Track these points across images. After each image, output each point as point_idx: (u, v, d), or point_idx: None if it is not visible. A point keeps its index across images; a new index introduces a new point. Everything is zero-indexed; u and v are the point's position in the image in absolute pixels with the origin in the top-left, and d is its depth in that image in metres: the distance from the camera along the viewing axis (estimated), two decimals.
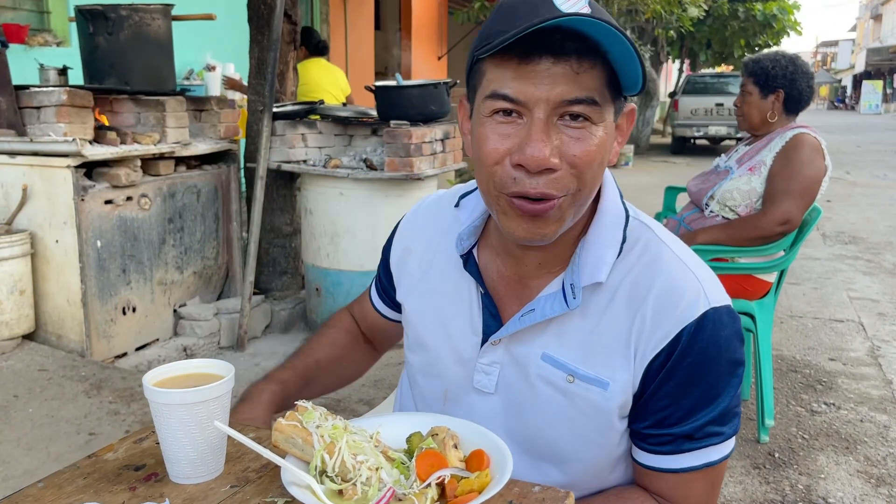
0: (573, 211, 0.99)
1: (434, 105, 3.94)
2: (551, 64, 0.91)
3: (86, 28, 3.64)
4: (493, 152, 0.96)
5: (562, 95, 0.92)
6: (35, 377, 3.05)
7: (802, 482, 2.72)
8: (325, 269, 3.98)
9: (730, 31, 15.74)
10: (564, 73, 0.91)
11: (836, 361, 3.93)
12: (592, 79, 0.92)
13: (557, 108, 0.93)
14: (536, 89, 0.92)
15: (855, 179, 11.41)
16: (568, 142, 0.94)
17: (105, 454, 1.03)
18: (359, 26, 9.19)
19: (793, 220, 2.82)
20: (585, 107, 0.93)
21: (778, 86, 2.93)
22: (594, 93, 0.93)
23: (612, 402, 1.03)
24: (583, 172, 0.95)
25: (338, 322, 1.43)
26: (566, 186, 0.96)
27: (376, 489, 0.86)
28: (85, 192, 3.27)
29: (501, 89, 0.94)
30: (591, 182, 0.98)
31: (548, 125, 0.93)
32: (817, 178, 2.85)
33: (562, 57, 0.91)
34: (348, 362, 1.41)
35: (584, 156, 0.94)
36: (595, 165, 0.96)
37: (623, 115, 1.03)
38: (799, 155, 2.84)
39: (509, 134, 0.95)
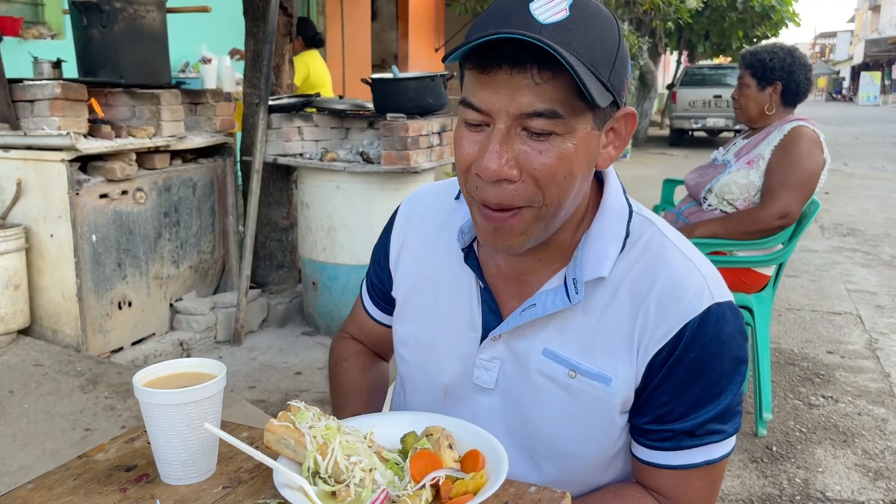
0: (541, 225, 0.97)
1: (431, 98, 3.92)
2: (509, 74, 0.89)
3: (80, 20, 3.61)
4: (463, 158, 0.96)
5: (521, 107, 0.90)
6: (30, 372, 3.03)
7: (800, 476, 2.72)
8: (321, 262, 3.97)
9: (728, 22, 15.69)
10: (525, 84, 0.89)
11: (834, 354, 3.93)
12: (555, 90, 0.89)
13: (519, 119, 0.91)
14: (498, 99, 0.90)
15: (853, 171, 11.40)
16: (529, 153, 0.92)
17: (96, 454, 1.01)
18: (355, 18, 9.15)
19: (792, 214, 2.81)
20: (546, 121, 0.90)
21: (776, 78, 2.92)
22: (556, 105, 0.89)
23: (615, 398, 1.02)
24: (545, 186, 0.93)
25: (349, 353, 1.37)
26: (529, 198, 0.94)
27: (370, 491, 0.84)
28: (80, 186, 3.24)
29: (469, 97, 0.93)
30: (557, 196, 0.95)
31: (508, 136, 0.92)
32: (816, 172, 2.84)
33: (519, 67, 0.88)
34: (381, 380, 1.37)
35: (543, 169, 0.92)
36: (559, 178, 0.93)
37: (618, 120, 0.99)
38: (797, 148, 2.82)
39: (476, 141, 0.95)
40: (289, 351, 3.85)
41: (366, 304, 1.33)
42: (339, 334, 1.41)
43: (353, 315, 1.39)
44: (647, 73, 15.01)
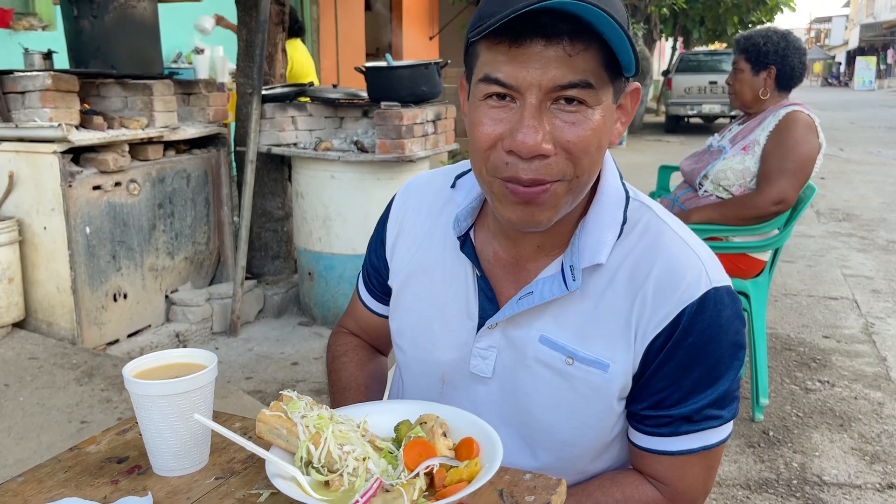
0: (570, 197, 0.97)
1: (425, 86, 3.90)
2: (543, 47, 0.88)
3: (70, 11, 3.59)
4: (486, 137, 0.94)
5: (554, 80, 0.89)
6: (25, 365, 3.02)
7: (797, 460, 2.72)
8: (317, 252, 3.96)
9: (723, 7, 15.63)
10: (557, 56, 0.88)
11: (831, 339, 3.93)
12: (587, 61, 0.89)
13: (550, 92, 0.90)
14: (528, 73, 0.89)
15: (849, 156, 11.40)
16: (562, 126, 0.91)
17: (87, 447, 1.00)
18: (349, 7, 9.10)
19: (787, 199, 2.80)
20: (580, 90, 0.90)
21: (770, 62, 2.90)
22: (589, 75, 0.90)
23: (613, 384, 1.02)
24: (579, 158, 0.93)
25: (346, 347, 1.35)
26: (561, 171, 0.93)
27: (363, 480, 0.84)
28: (72, 178, 3.22)
29: (493, 73, 0.91)
30: (588, 167, 0.95)
31: (540, 110, 0.90)
32: (811, 157, 2.83)
33: (553, 39, 0.87)
34: (379, 374, 1.36)
35: (578, 141, 0.92)
36: (592, 150, 0.93)
37: (626, 95, 1.00)
38: (793, 133, 2.81)
39: (502, 118, 0.93)
40: (285, 341, 3.85)
41: (363, 296, 1.32)
42: (337, 329, 1.40)
43: (350, 309, 1.37)
44: (643, 59, 14.95)
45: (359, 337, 1.37)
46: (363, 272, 1.31)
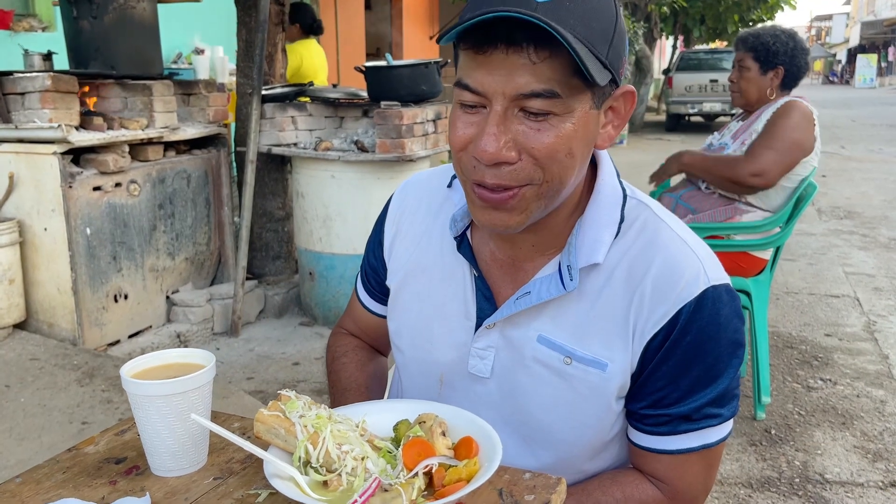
0: (542, 202, 0.96)
1: (425, 85, 3.89)
2: (505, 54, 0.87)
3: (70, 12, 3.58)
4: (458, 139, 0.94)
5: (517, 89, 0.87)
6: (27, 366, 3.02)
7: (799, 458, 2.72)
8: (317, 252, 3.95)
9: (723, 6, 15.62)
10: (522, 63, 0.87)
11: (832, 337, 3.92)
12: (553, 69, 0.87)
13: (515, 100, 0.89)
14: (494, 80, 0.88)
15: (850, 154, 11.38)
16: (527, 133, 0.90)
17: (85, 447, 1.00)
18: (349, 7, 9.10)
19: (767, 175, 2.81)
20: (544, 101, 0.88)
21: (779, 62, 2.88)
22: (554, 84, 0.87)
23: (611, 384, 1.02)
24: (545, 164, 0.92)
25: (346, 347, 1.35)
26: (528, 177, 0.92)
27: (362, 479, 0.83)
28: (72, 179, 3.22)
29: (464, 79, 0.91)
30: (559, 173, 0.93)
31: (505, 117, 0.90)
32: (802, 143, 2.82)
33: (515, 46, 0.86)
34: (380, 374, 1.35)
35: (543, 148, 0.90)
36: (560, 157, 0.92)
37: (617, 98, 0.97)
38: (788, 118, 2.83)
39: (473, 122, 0.93)
40: (286, 341, 3.84)
41: (361, 296, 1.31)
42: (336, 330, 1.39)
43: (349, 310, 1.37)
44: (643, 58, 14.95)
45: (358, 338, 1.37)
46: (361, 273, 1.31)
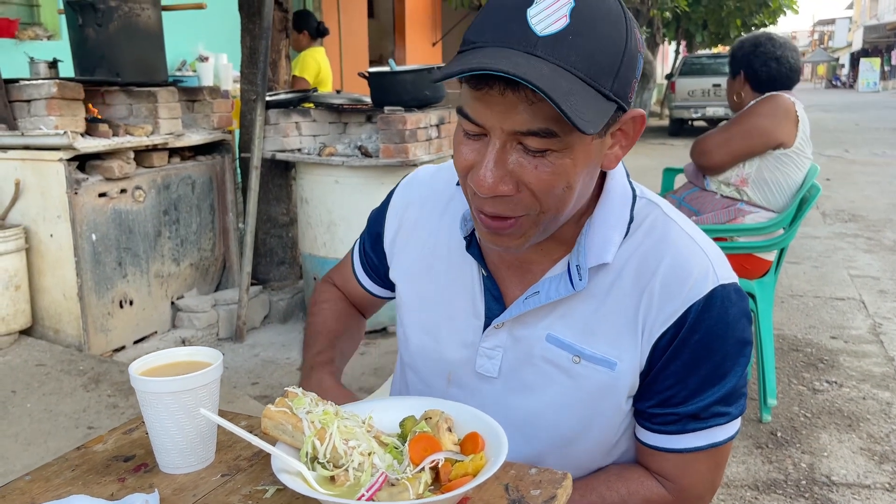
0: (539, 228, 0.96)
1: (428, 90, 3.90)
2: (502, 94, 0.86)
3: (75, 20, 3.60)
4: (461, 164, 0.95)
5: (514, 127, 0.87)
6: (33, 372, 3.03)
7: (805, 461, 2.71)
8: (322, 257, 3.96)
9: (726, 11, 15.62)
10: (519, 101, 0.85)
11: (838, 339, 3.92)
12: (551, 108, 0.85)
13: (513, 136, 0.89)
14: (492, 115, 0.88)
15: (854, 157, 11.36)
16: (525, 167, 0.90)
17: (94, 445, 1.01)
18: (352, 14, 9.13)
19: (709, 155, 2.93)
20: (541, 140, 0.87)
21: (740, 67, 3.03)
22: (552, 123, 0.86)
23: (620, 382, 1.02)
24: (542, 197, 0.92)
25: (329, 296, 1.38)
26: (525, 207, 0.93)
27: (369, 474, 0.84)
28: (78, 186, 3.24)
29: (465, 108, 0.91)
30: (556, 204, 0.93)
31: (504, 151, 0.89)
32: (765, 130, 2.86)
33: (512, 85, 0.85)
34: (355, 331, 1.39)
35: (539, 183, 0.90)
36: (558, 191, 0.91)
37: (626, 122, 0.96)
38: (755, 107, 2.92)
39: (475, 149, 0.93)
40: (291, 346, 3.85)
41: (355, 267, 1.34)
42: (325, 278, 1.42)
43: (342, 268, 1.39)
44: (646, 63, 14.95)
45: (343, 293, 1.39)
46: (360, 246, 1.33)
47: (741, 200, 2.93)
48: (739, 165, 2.90)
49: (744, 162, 2.89)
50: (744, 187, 2.90)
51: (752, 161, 2.88)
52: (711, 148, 2.94)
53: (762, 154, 2.86)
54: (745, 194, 2.91)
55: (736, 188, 2.92)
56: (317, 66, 5.57)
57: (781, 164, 2.85)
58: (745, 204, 2.92)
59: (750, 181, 2.89)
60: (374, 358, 3.67)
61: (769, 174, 2.87)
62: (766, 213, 2.92)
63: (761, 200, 2.90)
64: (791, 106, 2.86)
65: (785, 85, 2.96)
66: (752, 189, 2.90)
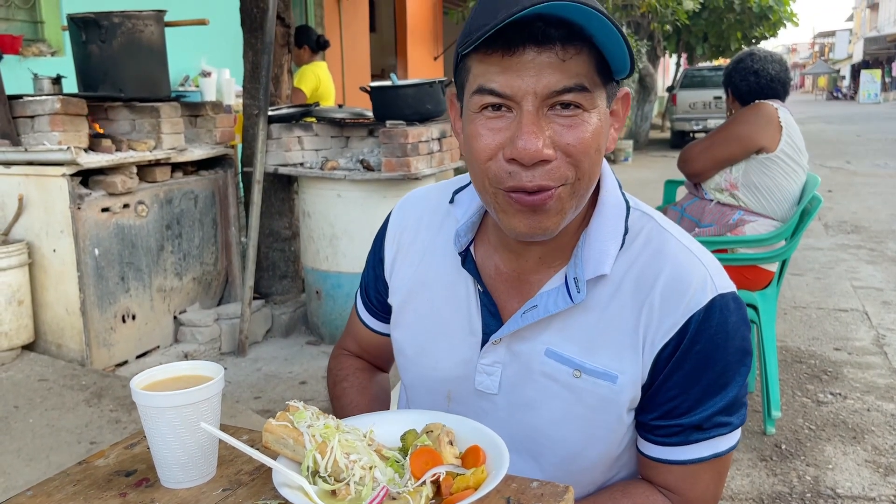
0: (574, 202, 0.96)
1: (430, 104, 3.92)
2: (535, 54, 0.88)
3: (79, 36, 3.63)
4: (486, 148, 0.94)
5: (549, 86, 0.89)
6: (35, 387, 3.03)
7: (810, 473, 2.70)
8: (324, 271, 3.97)
9: (726, 24, 15.68)
10: (550, 62, 0.88)
11: (842, 351, 3.90)
12: (580, 65, 0.90)
13: (547, 98, 0.90)
14: (523, 81, 0.89)
15: (856, 169, 11.37)
16: (560, 131, 0.91)
17: (96, 460, 1.01)
18: (354, 28, 9.18)
19: (692, 163, 3.01)
20: (575, 94, 0.90)
21: (726, 85, 3.14)
22: (583, 79, 0.90)
23: (622, 396, 1.01)
24: (579, 161, 0.93)
25: (346, 371, 1.33)
26: (563, 176, 0.93)
27: (370, 488, 0.83)
28: (81, 201, 3.25)
29: (488, 84, 0.91)
30: (589, 170, 0.95)
31: (538, 116, 0.91)
32: (746, 136, 2.92)
33: (546, 45, 0.88)
34: (382, 395, 1.34)
35: (578, 143, 0.92)
36: (591, 152, 0.94)
37: (617, 101, 1.00)
38: (740, 115, 2.98)
39: (500, 128, 0.92)
40: (293, 360, 3.85)
41: (362, 315, 1.30)
42: (337, 352, 1.38)
43: (350, 328, 1.36)
44: (647, 76, 15.02)
45: (359, 357, 1.36)
46: (361, 291, 1.30)
47: (739, 208, 2.94)
48: (726, 170, 2.96)
49: (729, 167, 2.94)
50: (735, 191, 2.95)
51: (737, 166, 2.94)
52: (693, 155, 3.02)
53: (745, 158, 2.92)
54: (740, 199, 2.95)
55: (730, 193, 2.96)
56: (316, 79, 5.60)
57: (767, 169, 2.89)
58: (744, 212, 2.93)
59: (739, 185, 2.94)
60: None
61: (757, 178, 2.91)
62: (767, 221, 2.92)
63: (757, 206, 2.93)
64: (773, 112, 2.91)
65: (769, 96, 3.00)
66: (745, 193, 2.94)
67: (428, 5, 11.18)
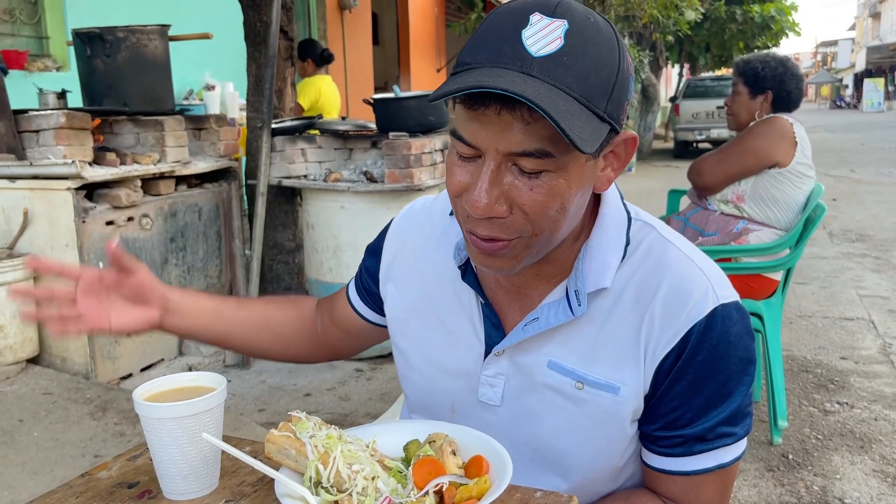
0: (532, 251, 0.96)
1: (433, 116, 3.94)
2: (498, 113, 0.86)
3: (83, 51, 3.66)
4: (454, 186, 0.94)
5: (509, 147, 0.87)
6: (40, 401, 3.03)
7: (818, 483, 2.68)
8: (328, 283, 3.97)
9: (728, 34, 15.74)
10: (514, 121, 0.86)
11: (848, 360, 3.89)
12: (545, 128, 0.85)
13: (508, 157, 0.88)
14: (487, 136, 0.87)
15: (860, 177, 11.35)
16: (519, 189, 0.89)
17: (98, 472, 1.00)
18: (357, 42, 9.22)
19: (703, 175, 2.93)
20: (535, 161, 0.87)
21: (767, 87, 2.97)
22: (547, 143, 0.86)
23: (625, 407, 1.01)
24: (536, 220, 0.91)
25: (299, 301, 1.37)
26: (518, 230, 0.92)
27: (373, 499, 0.83)
28: (86, 214, 3.26)
29: (459, 130, 0.91)
30: (549, 227, 0.93)
31: (498, 171, 0.89)
32: (761, 151, 2.86)
33: (508, 106, 0.85)
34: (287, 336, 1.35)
35: (533, 205, 0.90)
36: (551, 213, 0.91)
37: (619, 144, 0.96)
38: (753, 128, 2.92)
39: (468, 171, 0.92)
40: (297, 373, 3.84)
41: (349, 292, 1.31)
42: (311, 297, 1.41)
43: (332, 296, 1.37)
44: (650, 86, 15.05)
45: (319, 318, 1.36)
46: (356, 280, 1.31)
47: (743, 218, 2.94)
48: (735, 183, 2.92)
49: (739, 180, 2.91)
50: (741, 204, 2.93)
51: (747, 179, 2.90)
52: (706, 168, 2.97)
53: (757, 173, 2.88)
54: (745, 211, 2.93)
55: (735, 205, 2.95)
56: (316, 92, 5.61)
57: (777, 183, 2.87)
58: (748, 221, 2.92)
59: (746, 197, 2.92)
60: (381, 383, 3.65)
61: (765, 191, 2.89)
62: (770, 230, 2.92)
63: (762, 217, 2.92)
64: (789, 127, 2.88)
65: (795, 107, 2.99)
66: (750, 205, 2.92)
67: (430, 18, 11.24)
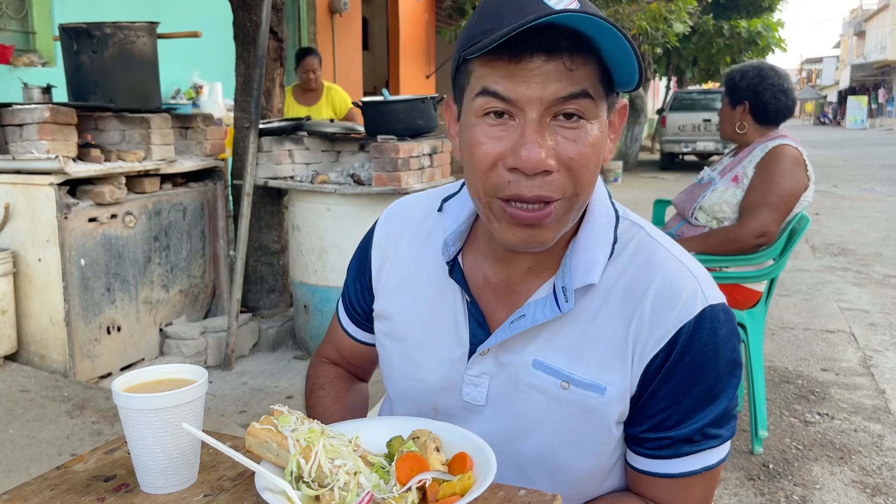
0: (570, 216, 0.96)
1: (421, 120, 3.93)
2: (543, 62, 0.87)
3: (70, 46, 3.62)
4: (486, 156, 0.92)
5: (555, 94, 0.88)
6: (16, 398, 2.99)
7: (798, 493, 2.68)
8: (313, 285, 3.95)
9: (715, 48, 15.88)
10: (557, 71, 0.88)
11: (829, 372, 3.91)
12: (585, 74, 0.89)
13: (551, 107, 0.89)
14: (528, 88, 0.88)
15: (843, 192, 11.46)
16: (563, 143, 0.91)
17: (74, 465, 0.99)
18: (347, 47, 9.22)
19: (769, 233, 2.81)
20: (579, 102, 0.90)
21: (743, 97, 2.95)
22: (588, 87, 0.90)
23: (611, 408, 1.00)
24: (579, 175, 0.92)
25: (323, 380, 1.31)
26: (562, 189, 0.92)
27: (355, 494, 0.82)
28: (68, 210, 3.23)
29: (492, 86, 0.90)
30: (587, 185, 0.94)
31: (542, 125, 0.90)
32: (796, 191, 2.84)
33: (554, 54, 0.87)
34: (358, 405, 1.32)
35: (580, 157, 0.91)
36: (591, 167, 0.93)
37: (615, 112, 1.00)
38: (778, 167, 2.84)
39: (502, 136, 0.91)
40: (280, 375, 3.81)
41: (344, 323, 1.29)
42: (316, 360, 1.36)
43: (330, 336, 1.34)
44: (637, 98, 15.14)
45: (338, 365, 1.34)
46: (344, 300, 1.28)
47: None
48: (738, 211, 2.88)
49: None
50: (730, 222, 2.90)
51: None
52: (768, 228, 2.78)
53: None
54: None
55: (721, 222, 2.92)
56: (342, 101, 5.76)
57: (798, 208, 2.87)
58: None
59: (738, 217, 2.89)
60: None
61: None
62: None
63: None
64: (799, 155, 2.84)
65: (785, 117, 2.97)
66: None
67: (420, 24, 11.25)
